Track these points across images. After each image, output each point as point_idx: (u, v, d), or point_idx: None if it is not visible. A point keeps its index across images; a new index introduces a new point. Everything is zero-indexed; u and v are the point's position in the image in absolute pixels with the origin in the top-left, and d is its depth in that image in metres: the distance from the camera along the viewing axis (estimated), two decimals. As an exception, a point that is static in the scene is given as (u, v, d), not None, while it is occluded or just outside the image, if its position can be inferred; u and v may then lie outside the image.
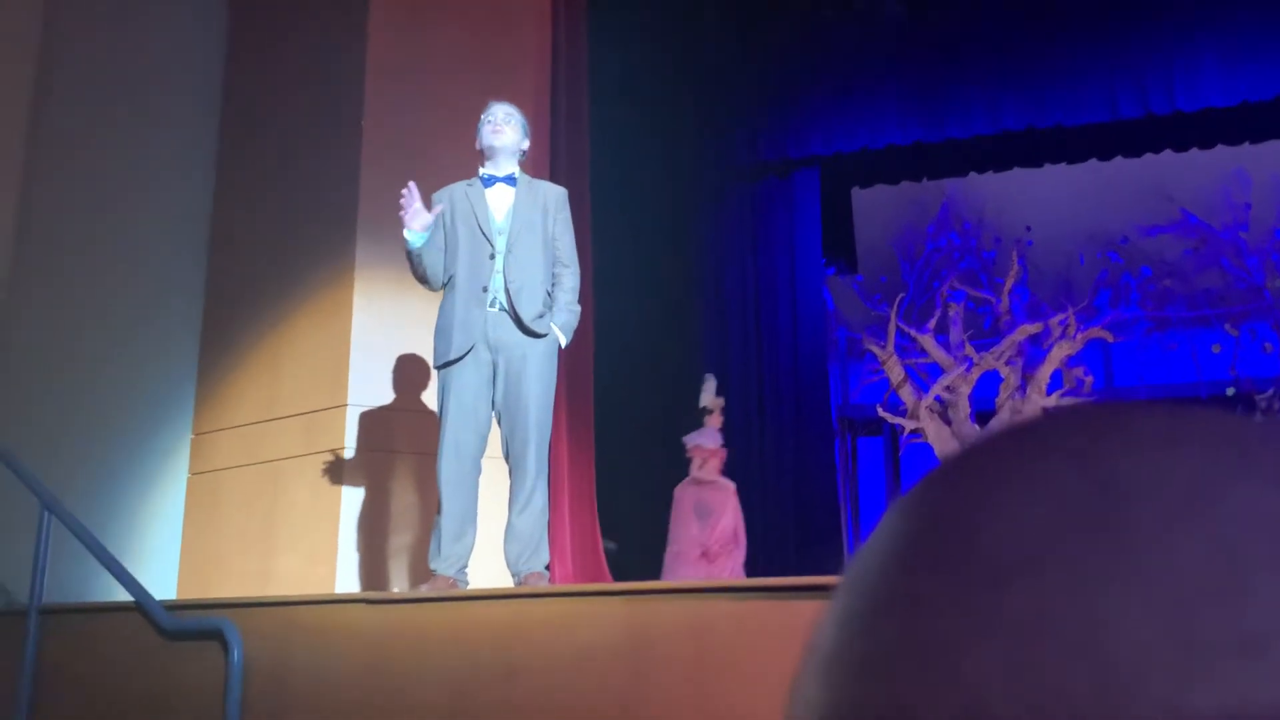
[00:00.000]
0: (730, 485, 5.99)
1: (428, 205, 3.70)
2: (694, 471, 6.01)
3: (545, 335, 3.60)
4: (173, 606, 3.74)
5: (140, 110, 5.54)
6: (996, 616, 0.26)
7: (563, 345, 3.69)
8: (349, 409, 4.78)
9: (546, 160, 5.46)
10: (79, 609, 4.20)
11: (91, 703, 3.74)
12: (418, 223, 3.59)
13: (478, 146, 3.79)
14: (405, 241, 3.63)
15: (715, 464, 6.06)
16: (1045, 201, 8.77)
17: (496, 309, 3.60)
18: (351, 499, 4.71)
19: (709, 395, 6.25)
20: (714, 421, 6.18)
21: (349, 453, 4.75)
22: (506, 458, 3.64)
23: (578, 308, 3.73)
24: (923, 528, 0.29)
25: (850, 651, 0.29)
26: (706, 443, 6.07)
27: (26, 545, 4.03)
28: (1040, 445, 0.29)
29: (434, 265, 3.67)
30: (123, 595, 3.83)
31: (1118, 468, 0.28)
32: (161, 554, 5.28)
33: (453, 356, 3.58)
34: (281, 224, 5.36)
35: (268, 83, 5.62)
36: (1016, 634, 0.26)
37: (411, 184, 3.63)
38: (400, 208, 3.60)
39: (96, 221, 5.37)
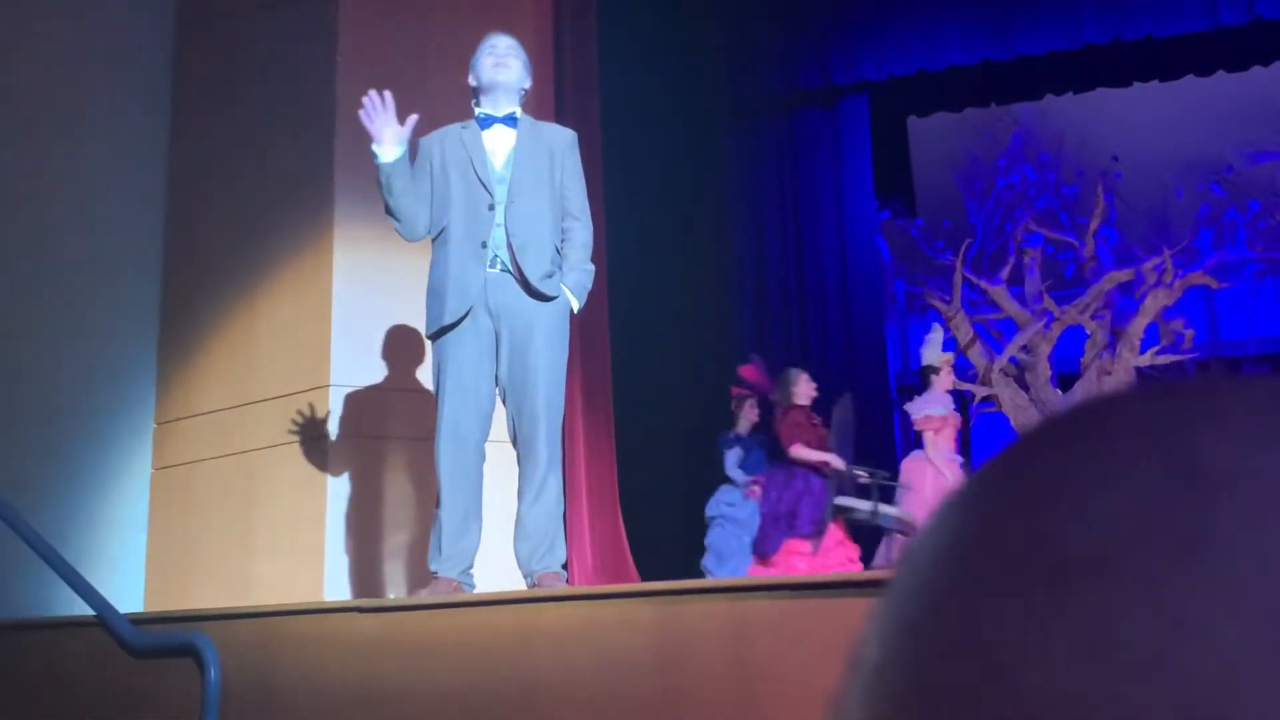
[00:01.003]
0: (957, 461, 5.75)
1: (414, 139, 3.72)
2: (927, 449, 5.81)
3: (555, 298, 3.60)
4: (140, 620, 3.80)
5: (81, 56, 5.56)
6: (1064, 627, 0.26)
7: (575, 309, 3.69)
8: (332, 390, 4.82)
9: (551, 98, 5.45)
10: (34, 625, 4.28)
11: (52, 730, 3.81)
12: (389, 133, 3.58)
13: (471, 83, 3.78)
14: (373, 160, 3.61)
15: (949, 435, 5.83)
16: (1134, 127, 8.68)
17: (498, 269, 3.60)
18: (338, 493, 4.76)
19: (934, 350, 5.97)
20: (943, 383, 5.90)
21: (334, 440, 4.79)
22: (514, 442, 3.65)
23: (591, 266, 3.74)
24: (980, 525, 0.30)
25: (898, 663, 0.29)
26: (936, 410, 5.84)
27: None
28: (1115, 429, 0.29)
29: (408, 206, 3.64)
30: (83, 608, 3.89)
31: (1205, 456, 0.28)
32: (125, 560, 5.36)
33: (447, 321, 3.58)
34: (247, 175, 5.38)
35: (227, 20, 5.63)
36: (1086, 646, 0.26)
37: (386, 93, 3.61)
38: (365, 117, 3.57)
39: (34, 189, 5.41)
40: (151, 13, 5.81)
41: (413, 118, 3.63)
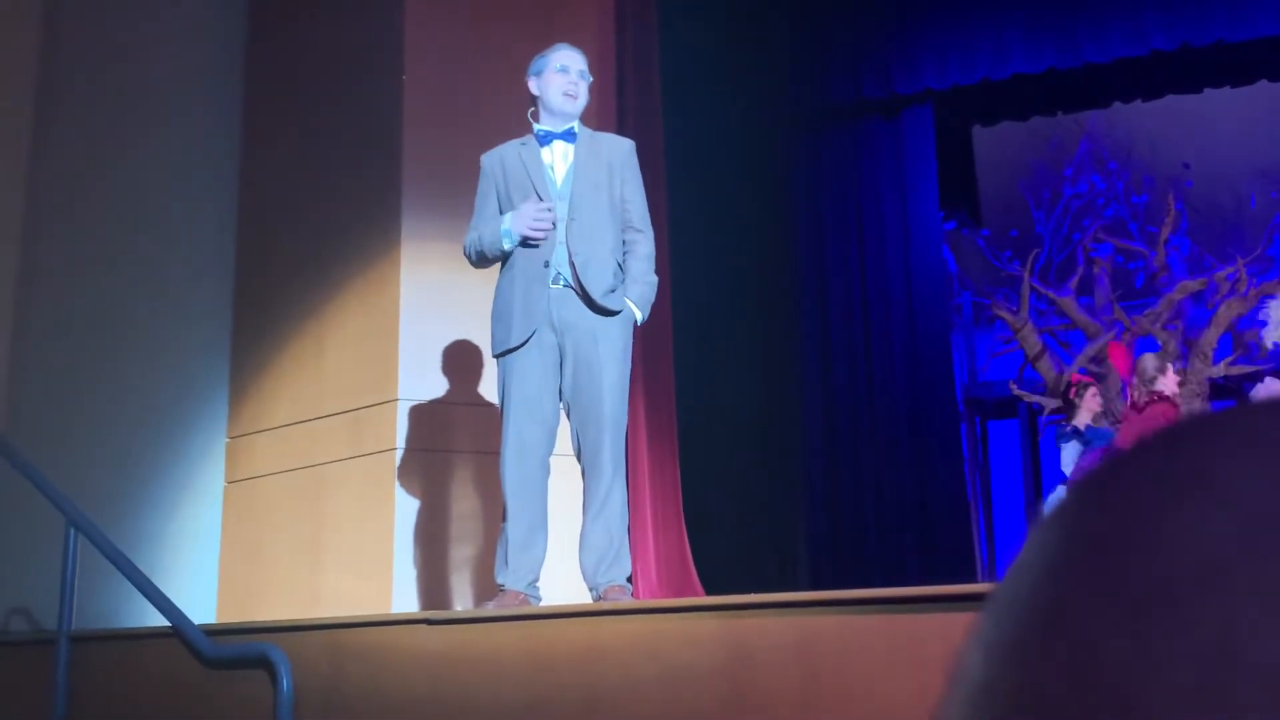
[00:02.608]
0: None
1: (475, 167, 3.77)
2: None
3: (618, 312, 3.62)
4: (214, 631, 3.87)
5: (154, 83, 5.70)
6: (1179, 642, 0.26)
7: (639, 322, 3.70)
8: (399, 404, 4.88)
9: (613, 109, 5.48)
10: (112, 636, 4.37)
11: (129, 739, 3.90)
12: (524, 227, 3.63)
13: (533, 90, 3.77)
14: (499, 240, 3.65)
15: None
16: (1206, 134, 8.52)
17: (560, 285, 3.63)
18: (406, 505, 4.81)
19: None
20: None
21: (401, 453, 4.84)
22: (578, 455, 3.67)
23: (654, 278, 3.74)
24: (1087, 540, 0.29)
25: (1003, 683, 0.29)
26: None
27: (53, 567, 4.21)
28: (1226, 441, 0.29)
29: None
30: (158, 619, 3.97)
31: None
32: (198, 572, 5.46)
33: (514, 344, 3.61)
34: (317, 197, 5.47)
35: (296, 40, 5.73)
36: (1202, 662, 0.25)
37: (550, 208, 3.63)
38: (539, 223, 3.60)
39: (112, 212, 5.54)
40: (223, 39, 5.93)
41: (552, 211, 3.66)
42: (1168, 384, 5.33)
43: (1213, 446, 0.29)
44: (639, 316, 3.69)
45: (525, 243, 3.63)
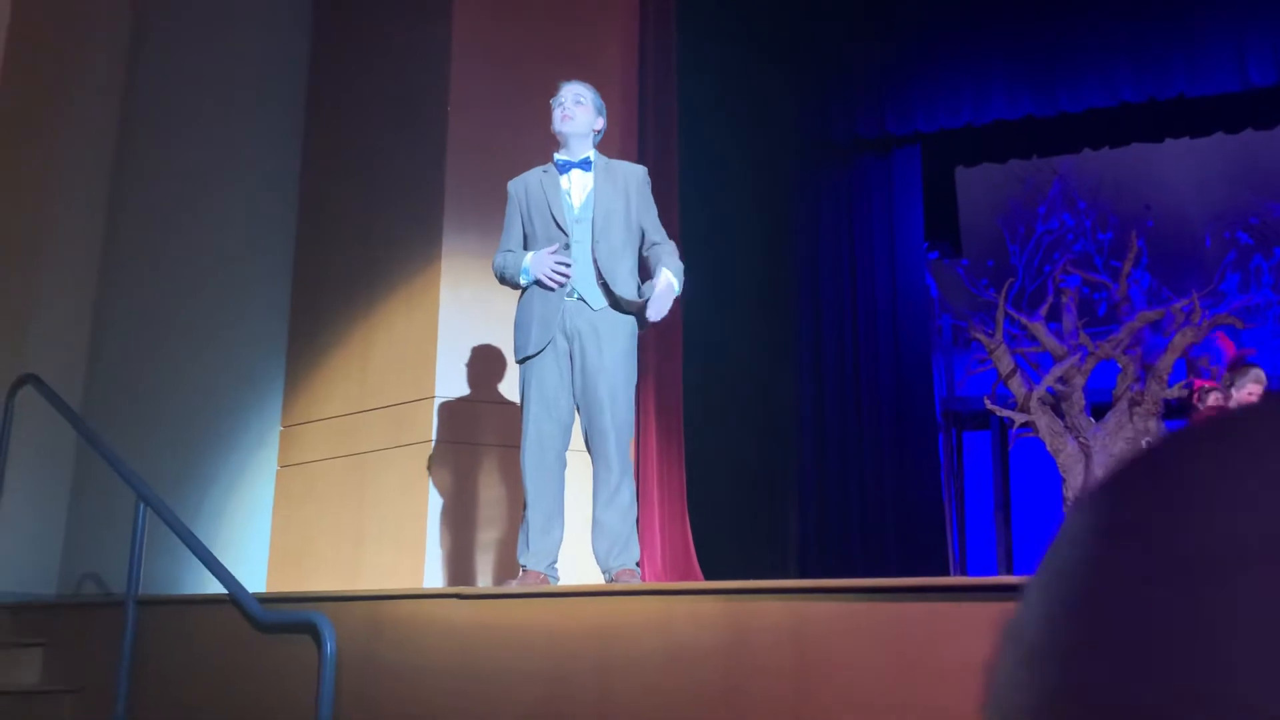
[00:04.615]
0: None
1: (503, 191, 3.82)
2: None
3: (640, 304, 3.61)
4: (265, 599, 3.89)
5: (226, 103, 5.75)
6: (1246, 602, 0.26)
7: (676, 290, 3.64)
8: (436, 400, 4.91)
9: (635, 142, 5.52)
10: (174, 601, 4.41)
11: (187, 693, 3.92)
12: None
13: (553, 129, 3.82)
14: (518, 275, 3.68)
15: None
16: (1166, 179, 8.53)
17: (574, 298, 3.66)
18: (438, 492, 4.83)
19: None
20: None
21: (435, 445, 4.87)
22: (589, 451, 3.70)
23: (682, 265, 3.72)
24: (1142, 512, 0.29)
25: (1062, 648, 0.29)
26: None
27: (119, 537, 4.24)
28: (1264, 436, 0.29)
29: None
30: (216, 587, 4.00)
31: None
32: (251, 546, 5.49)
33: (531, 351, 3.65)
34: (368, 213, 5.51)
35: (353, 72, 5.78)
36: (1254, 626, 0.25)
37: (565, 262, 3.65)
38: (557, 273, 3.62)
39: (184, 216, 5.59)
40: (289, 70, 5.98)
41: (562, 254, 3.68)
42: (1251, 394, 5.10)
43: (1253, 440, 0.29)
44: (676, 285, 3.63)
45: (539, 284, 3.66)
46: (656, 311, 3.60)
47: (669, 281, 3.62)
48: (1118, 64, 7.09)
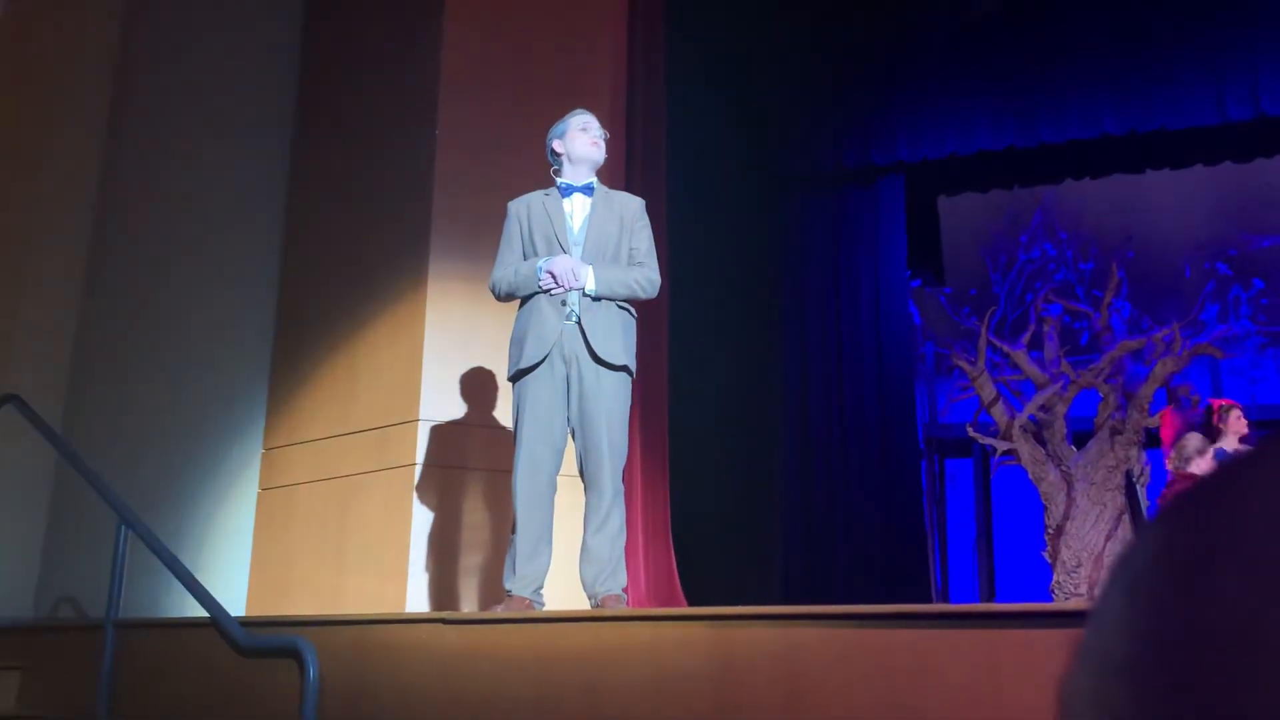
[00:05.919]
0: None
1: (494, 221, 3.83)
2: None
3: (621, 366, 3.65)
4: (247, 623, 3.85)
5: (212, 125, 5.75)
6: None
7: (581, 284, 3.63)
8: (420, 424, 4.89)
9: (622, 169, 5.54)
10: (155, 624, 4.36)
11: (167, 718, 3.88)
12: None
13: (557, 149, 3.83)
14: (534, 276, 3.68)
15: None
16: (1147, 210, 8.63)
17: (573, 321, 3.67)
18: (422, 516, 4.81)
19: None
20: None
21: (420, 468, 4.85)
22: (582, 476, 3.69)
23: (634, 287, 3.70)
24: (1229, 525, 0.29)
25: (1155, 659, 0.29)
26: None
27: (98, 559, 4.20)
28: None
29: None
30: (197, 610, 3.96)
31: None
32: (231, 569, 5.44)
33: (524, 365, 3.64)
34: (354, 235, 5.51)
35: (340, 95, 5.79)
36: None
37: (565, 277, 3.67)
38: (557, 284, 3.64)
39: (169, 238, 5.58)
40: (278, 87, 5.99)
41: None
42: (1202, 466, 5.08)
43: None
44: (590, 285, 3.63)
45: (543, 289, 3.67)
46: (546, 271, 3.63)
47: (583, 271, 3.61)
48: (1099, 96, 7.19)
